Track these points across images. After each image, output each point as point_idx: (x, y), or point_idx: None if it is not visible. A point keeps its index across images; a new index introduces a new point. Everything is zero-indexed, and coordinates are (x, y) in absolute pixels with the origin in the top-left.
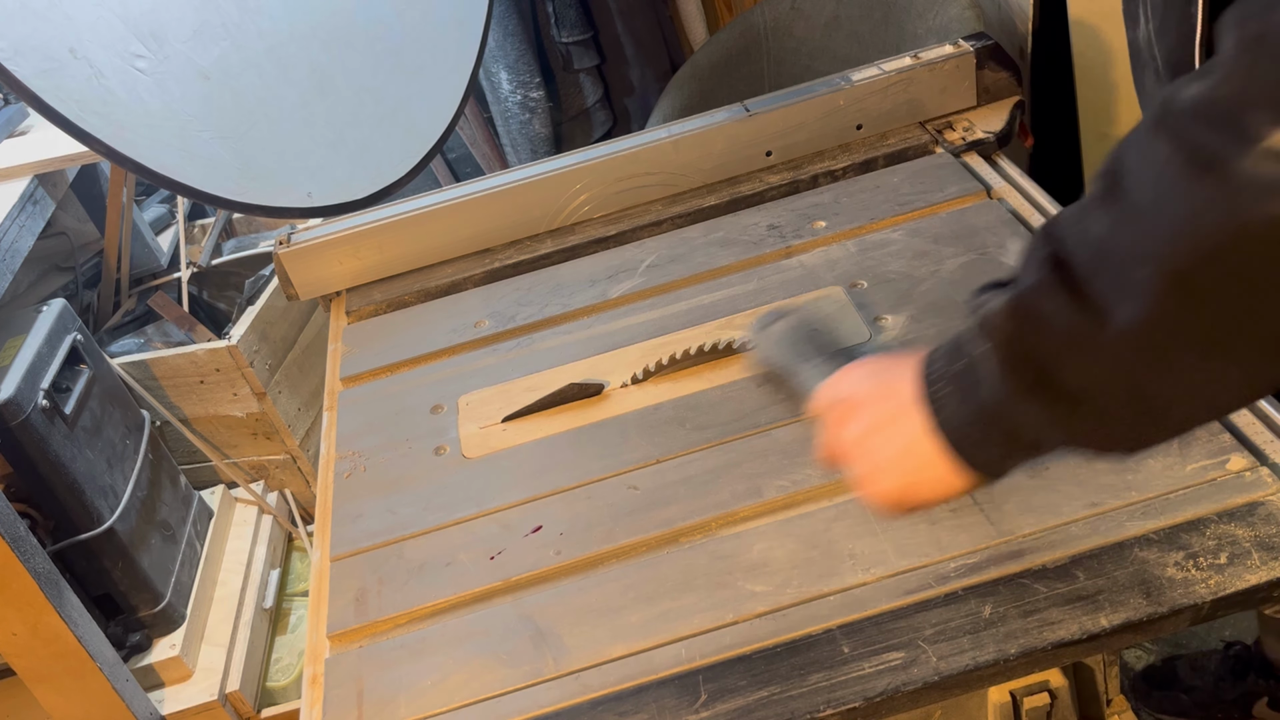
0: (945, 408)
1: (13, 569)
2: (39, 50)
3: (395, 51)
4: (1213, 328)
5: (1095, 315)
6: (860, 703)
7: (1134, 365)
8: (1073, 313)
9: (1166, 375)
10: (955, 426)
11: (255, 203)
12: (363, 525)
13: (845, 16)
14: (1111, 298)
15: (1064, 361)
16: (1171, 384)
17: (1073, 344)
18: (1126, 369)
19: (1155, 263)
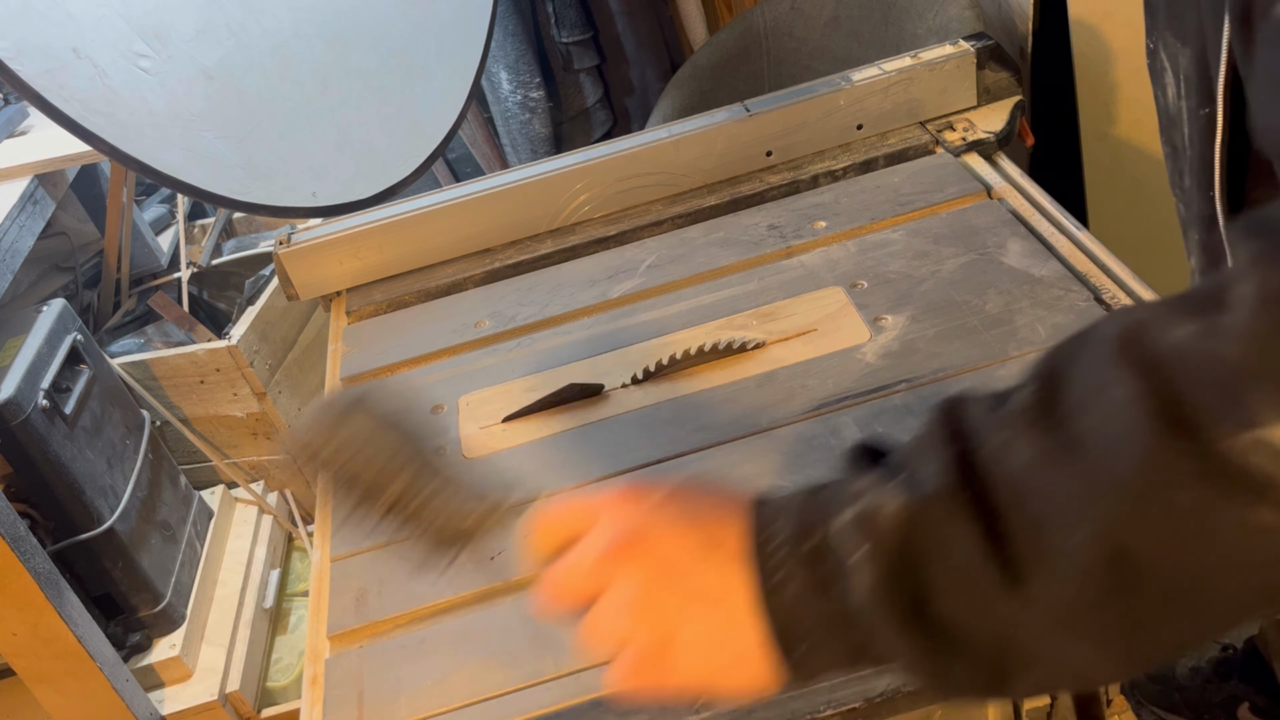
0: (782, 593)
1: (13, 569)
2: (42, 50)
3: (399, 51)
4: (1138, 618)
5: (1006, 571)
6: (860, 703)
7: (1031, 634)
8: (978, 557)
9: (1061, 650)
10: (791, 620)
11: (259, 202)
12: (363, 525)
13: (845, 16)
14: (1031, 559)
15: (951, 604)
16: (1059, 658)
17: (968, 592)
18: (1021, 634)
19: (1094, 533)
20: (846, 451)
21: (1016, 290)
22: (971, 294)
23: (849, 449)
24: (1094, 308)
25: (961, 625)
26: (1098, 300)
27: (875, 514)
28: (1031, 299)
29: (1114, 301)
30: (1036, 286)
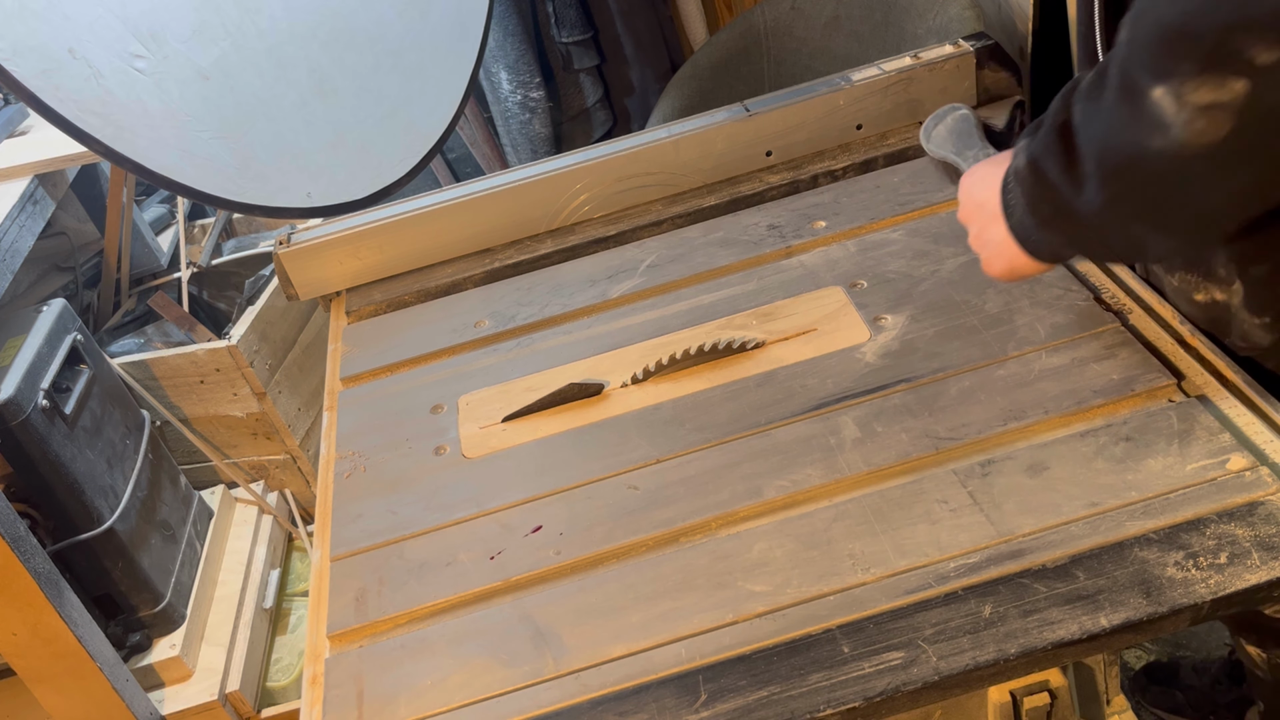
0: (1011, 218)
1: (13, 569)
2: (38, 50)
3: (395, 51)
4: (1129, 213)
5: (1075, 186)
6: (860, 703)
7: (1092, 223)
8: (1062, 181)
9: (1110, 234)
10: (1018, 233)
11: (255, 203)
12: (363, 525)
13: (845, 16)
14: (1085, 176)
15: (1060, 210)
16: (1115, 240)
17: (1062, 202)
18: (1089, 223)
19: (1099, 161)
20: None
21: (1016, 290)
22: (971, 293)
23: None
24: (1093, 307)
25: (1076, 226)
26: (1097, 300)
27: (1020, 168)
28: (1031, 298)
29: (1113, 301)
30: (1036, 286)
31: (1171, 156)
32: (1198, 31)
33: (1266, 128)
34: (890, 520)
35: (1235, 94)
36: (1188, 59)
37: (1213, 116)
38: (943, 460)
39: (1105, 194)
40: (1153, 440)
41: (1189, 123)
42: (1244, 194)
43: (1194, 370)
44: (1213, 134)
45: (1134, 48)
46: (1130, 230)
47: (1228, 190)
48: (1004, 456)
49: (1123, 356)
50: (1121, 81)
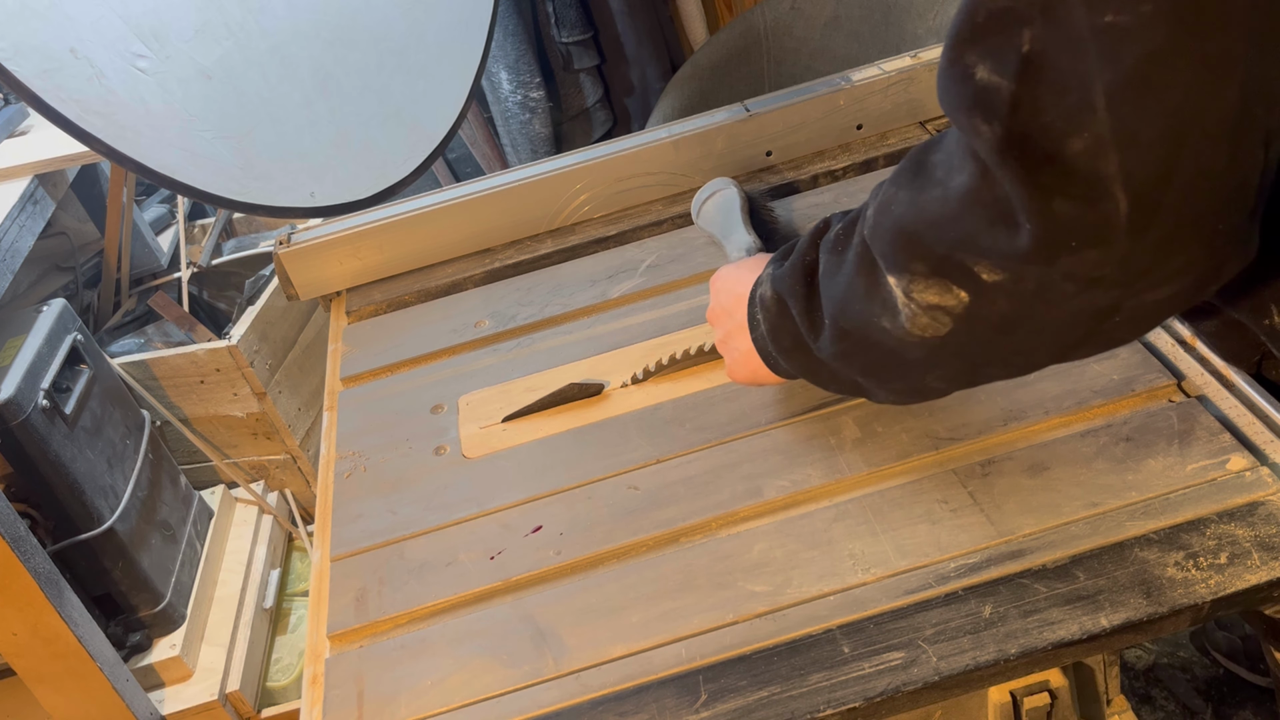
0: (754, 333)
1: (13, 569)
2: (39, 50)
3: (399, 51)
4: (869, 370)
5: (812, 331)
6: (860, 703)
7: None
8: (802, 322)
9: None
10: (760, 350)
11: (258, 202)
12: (363, 525)
13: (845, 16)
14: (821, 325)
15: (799, 346)
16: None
17: (801, 340)
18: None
19: (833, 318)
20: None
21: None
22: None
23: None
24: None
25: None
26: None
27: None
28: None
29: None
30: None
31: (895, 339)
32: (931, 242)
33: (980, 332)
34: (890, 520)
35: (959, 301)
36: (921, 261)
37: (935, 316)
38: (943, 460)
39: (836, 347)
40: (1153, 440)
41: (913, 317)
42: (954, 378)
43: (1194, 370)
44: (933, 331)
45: (876, 232)
46: (856, 380)
47: (940, 373)
48: (1004, 456)
49: (1123, 356)
50: (862, 253)
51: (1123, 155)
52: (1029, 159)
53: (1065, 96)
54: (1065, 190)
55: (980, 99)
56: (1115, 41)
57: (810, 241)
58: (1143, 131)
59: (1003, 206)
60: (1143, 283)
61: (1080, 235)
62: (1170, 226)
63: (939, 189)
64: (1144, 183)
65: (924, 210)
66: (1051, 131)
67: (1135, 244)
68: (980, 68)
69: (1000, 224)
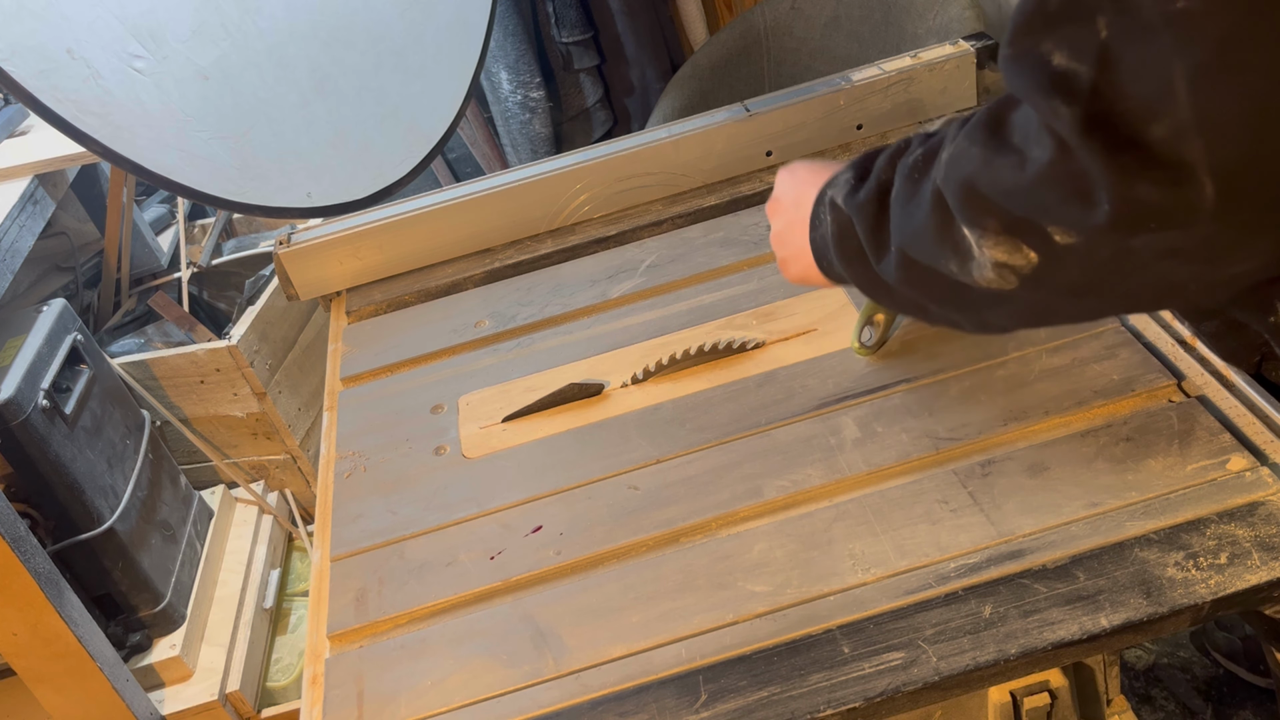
0: (815, 233)
1: (13, 569)
2: (36, 51)
3: (397, 51)
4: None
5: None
6: (860, 703)
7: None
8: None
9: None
10: (817, 251)
11: (255, 203)
12: (363, 525)
13: (845, 16)
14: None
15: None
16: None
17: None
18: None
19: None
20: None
21: None
22: None
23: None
24: None
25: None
26: None
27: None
28: None
29: None
30: None
31: (961, 283)
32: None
33: (1048, 293)
34: (890, 520)
35: (1027, 261)
36: (993, 217)
37: (1002, 273)
38: (943, 460)
39: (900, 274)
40: (1153, 440)
41: (981, 268)
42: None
43: (1194, 370)
44: (999, 285)
45: (948, 183)
46: (919, 302)
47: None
48: (1004, 456)
49: (1123, 356)
50: (936, 195)
51: (1207, 140)
52: (1112, 141)
53: (1145, 83)
54: (1148, 174)
55: (1059, 83)
56: (1189, 27)
57: (889, 161)
58: (1225, 115)
59: (1081, 182)
60: (1223, 260)
61: (1162, 217)
62: (1257, 208)
63: (1015, 156)
64: (1230, 167)
65: (998, 175)
66: (1133, 117)
67: (1220, 226)
68: (1057, 54)
69: (1077, 199)
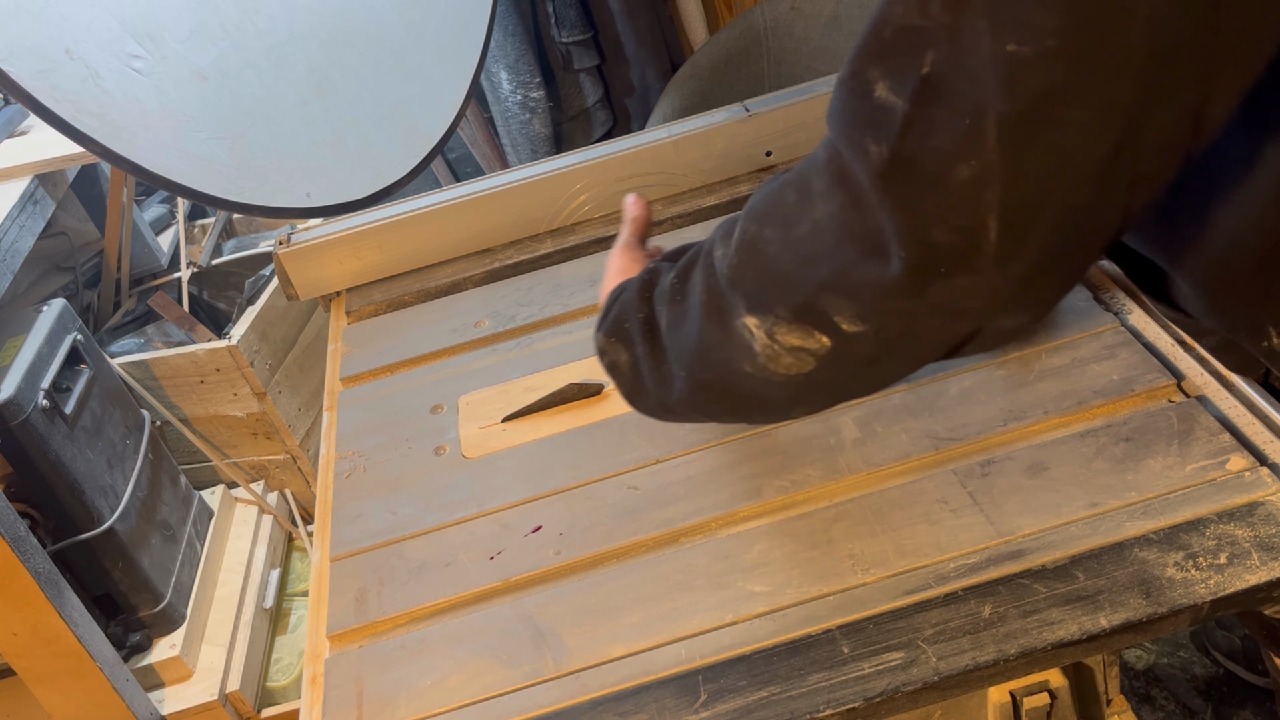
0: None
1: (13, 569)
2: (34, 51)
3: (396, 51)
4: (715, 413)
5: (663, 381)
6: (860, 703)
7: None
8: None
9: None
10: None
11: (253, 203)
12: (363, 525)
13: (845, 16)
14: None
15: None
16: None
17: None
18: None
19: (686, 370)
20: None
21: None
22: None
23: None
24: (1093, 307)
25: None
26: (1097, 299)
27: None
28: None
29: (1113, 301)
30: None
31: (758, 380)
32: (800, 282)
33: (842, 373)
34: (890, 520)
35: (820, 345)
36: (783, 305)
37: (799, 356)
38: (943, 460)
39: (694, 398)
40: (1153, 440)
41: (776, 357)
42: (818, 406)
43: (1194, 370)
44: (797, 369)
45: (742, 274)
46: (710, 412)
47: (806, 406)
48: (1004, 456)
49: (1123, 356)
50: (709, 299)
51: (1005, 187)
52: (912, 184)
53: (958, 122)
54: (943, 218)
55: (874, 117)
56: (1015, 72)
57: (639, 296)
58: (1026, 165)
59: (874, 239)
60: (1003, 313)
61: (951, 262)
62: (1034, 259)
63: (807, 224)
64: (1017, 215)
65: (797, 247)
66: (939, 156)
67: (1000, 274)
68: (880, 85)
69: (871, 257)
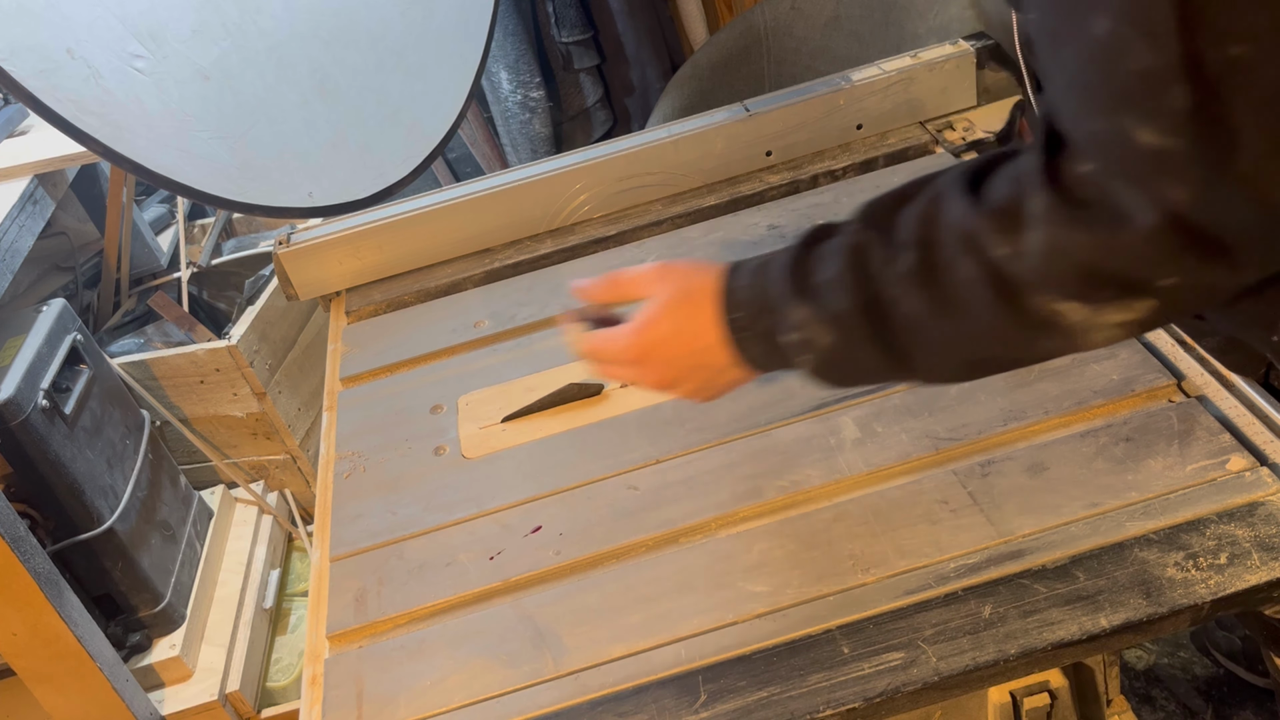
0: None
1: (13, 569)
2: (36, 50)
3: (398, 51)
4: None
5: (902, 364)
6: (860, 703)
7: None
8: (885, 359)
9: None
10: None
11: (255, 203)
12: (363, 525)
13: (845, 16)
14: (917, 360)
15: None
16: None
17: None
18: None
19: (955, 352)
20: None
21: None
22: None
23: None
24: None
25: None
26: None
27: (813, 341)
28: None
29: None
30: None
31: (1057, 350)
32: (1122, 273)
33: (1160, 323)
34: (890, 520)
35: (1144, 310)
36: (1106, 288)
37: (1122, 328)
38: (943, 460)
39: (954, 373)
40: (1153, 440)
41: (1094, 330)
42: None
43: (1194, 370)
44: (1115, 338)
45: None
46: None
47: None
48: (1004, 457)
49: (1123, 356)
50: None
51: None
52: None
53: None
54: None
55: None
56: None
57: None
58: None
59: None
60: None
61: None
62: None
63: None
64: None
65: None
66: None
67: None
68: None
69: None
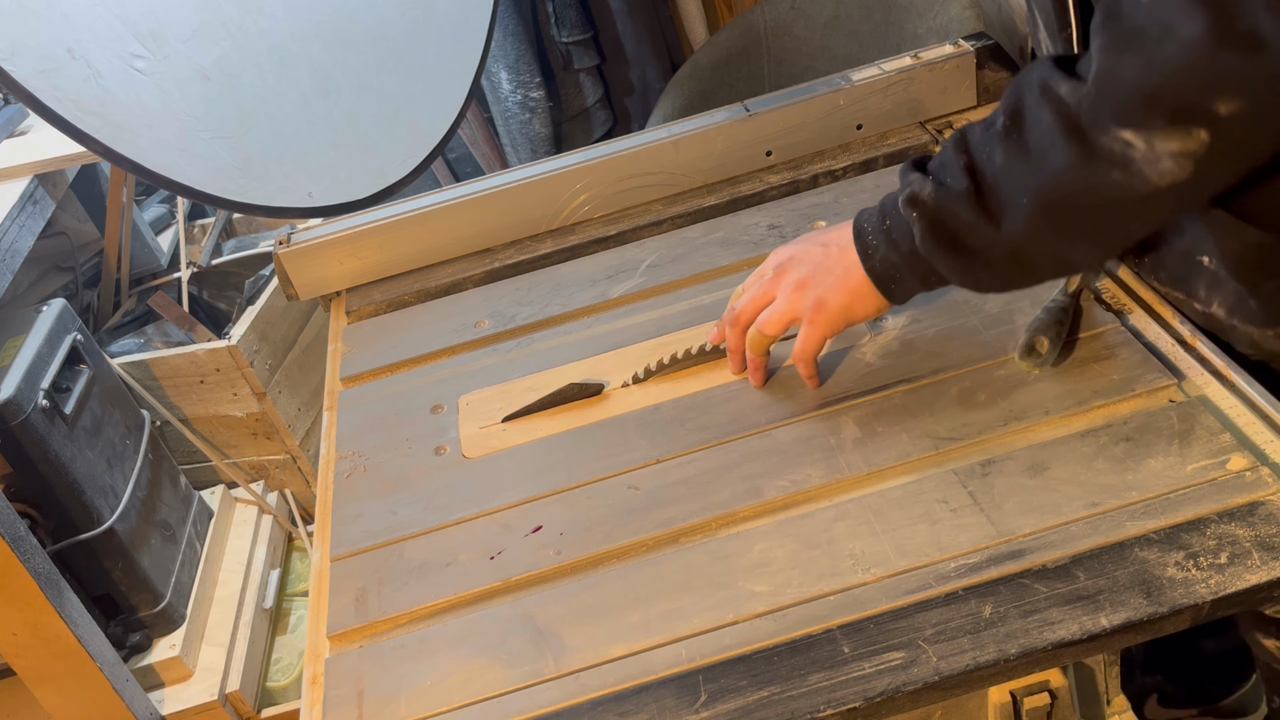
0: (874, 254)
1: (13, 569)
2: (36, 50)
3: (398, 51)
4: (1065, 236)
5: (992, 219)
6: (860, 703)
7: (1014, 248)
8: (977, 214)
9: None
10: (881, 267)
11: (255, 203)
12: (363, 525)
13: (845, 16)
14: (1005, 211)
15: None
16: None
17: (974, 231)
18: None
19: (1034, 195)
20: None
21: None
22: (971, 294)
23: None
24: (1093, 307)
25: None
26: (1097, 300)
27: (919, 197)
28: (1031, 298)
29: (1113, 301)
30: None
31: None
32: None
33: (1221, 164)
34: (890, 520)
35: (1199, 143)
36: (1158, 115)
37: (1179, 162)
38: (943, 460)
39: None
40: (1153, 440)
41: (1156, 161)
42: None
43: (1194, 370)
44: (1175, 176)
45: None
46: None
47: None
48: (1004, 456)
49: (1123, 356)
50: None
51: None
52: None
53: None
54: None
55: None
56: None
57: (957, 148)
58: None
59: (1250, 37)
60: None
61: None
62: None
63: (1173, 43)
64: None
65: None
66: None
67: None
68: None
69: (1248, 51)
